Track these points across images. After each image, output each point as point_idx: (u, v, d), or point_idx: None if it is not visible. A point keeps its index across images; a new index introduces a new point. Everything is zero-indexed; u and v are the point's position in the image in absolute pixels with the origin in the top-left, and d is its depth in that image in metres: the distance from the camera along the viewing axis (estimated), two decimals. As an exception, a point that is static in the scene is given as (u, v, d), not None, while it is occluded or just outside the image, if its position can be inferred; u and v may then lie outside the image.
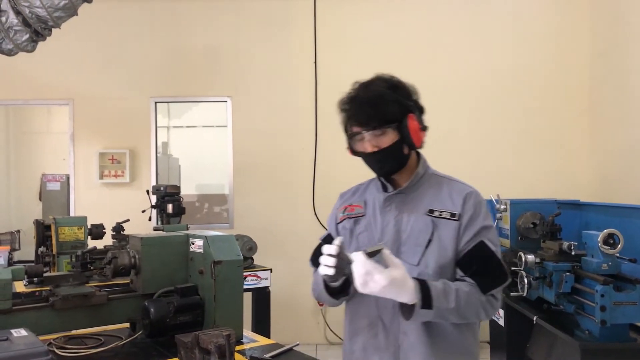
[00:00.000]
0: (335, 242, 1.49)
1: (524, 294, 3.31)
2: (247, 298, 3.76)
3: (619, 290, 2.70)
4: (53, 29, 3.83)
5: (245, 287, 2.59)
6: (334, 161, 5.50)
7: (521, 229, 3.72)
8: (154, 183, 5.64)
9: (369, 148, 1.65)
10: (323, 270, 1.50)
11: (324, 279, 1.59)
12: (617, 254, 2.82)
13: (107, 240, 3.96)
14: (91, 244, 3.73)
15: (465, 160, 5.34)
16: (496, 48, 5.69)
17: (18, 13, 3.58)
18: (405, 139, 1.65)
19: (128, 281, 2.22)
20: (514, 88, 5.65)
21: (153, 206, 4.60)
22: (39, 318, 1.91)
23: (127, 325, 2.11)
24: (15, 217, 8.51)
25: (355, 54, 5.61)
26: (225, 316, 2.01)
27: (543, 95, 5.67)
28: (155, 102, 5.84)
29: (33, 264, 3.73)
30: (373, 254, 1.46)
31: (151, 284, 2.11)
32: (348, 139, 1.72)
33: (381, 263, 1.47)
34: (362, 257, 1.45)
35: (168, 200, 4.51)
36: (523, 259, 3.26)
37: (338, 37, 5.72)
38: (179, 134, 8.10)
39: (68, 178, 6.77)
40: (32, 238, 4.20)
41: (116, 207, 5.29)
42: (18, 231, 6.84)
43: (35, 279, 2.07)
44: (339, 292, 1.66)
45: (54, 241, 3.83)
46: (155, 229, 4.31)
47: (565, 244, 3.14)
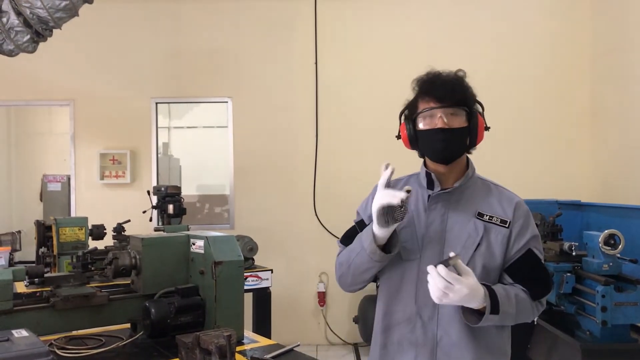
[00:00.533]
0: (406, 188, 1.54)
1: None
2: (248, 299, 3.79)
3: (619, 291, 2.71)
4: (54, 30, 3.82)
5: (246, 288, 2.59)
6: (334, 162, 5.52)
7: (522, 229, 3.71)
8: (154, 183, 5.64)
9: (439, 124, 1.64)
10: (387, 198, 1.51)
11: (379, 212, 1.54)
12: (618, 255, 2.82)
13: (108, 240, 3.97)
14: (92, 244, 3.73)
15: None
16: (497, 49, 5.69)
17: (19, 14, 3.58)
18: (471, 130, 1.68)
19: (129, 282, 2.22)
20: (515, 89, 5.65)
21: (154, 207, 4.60)
22: (40, 318, 1.91)
23: (128, 325, 2.10)
24: (16, 218, 8.50)
25: (355, 55, 5.61)
26: (226, 317, 2.01)
27: (544, 96, 5.67)
28: (156, 103, 5.85)
29: (34, 265, 3.75)
30: (448, 263, 1.48)
31: (152, 284, 2.11)
32: (410, 120, 1.71)
33: (454, 272, 1.49)
34: (444, 270, 1.47)
35: (169, 201, 4.51)
36: (524, 260, 3.25)
37: (338, 39, 5.72)
38: (180, 135, 8.11)
39: (69, 179, 6.78)
40: (33, 239, 4.20)
41: (117, 208, 5.29)
42: (19, 232, 6.83)
43: (36, 279, 2.07)
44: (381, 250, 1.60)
45: (54, 242, 3.83)
46: (156, 230, 4.30)
47: (566, 245, 3.14)
